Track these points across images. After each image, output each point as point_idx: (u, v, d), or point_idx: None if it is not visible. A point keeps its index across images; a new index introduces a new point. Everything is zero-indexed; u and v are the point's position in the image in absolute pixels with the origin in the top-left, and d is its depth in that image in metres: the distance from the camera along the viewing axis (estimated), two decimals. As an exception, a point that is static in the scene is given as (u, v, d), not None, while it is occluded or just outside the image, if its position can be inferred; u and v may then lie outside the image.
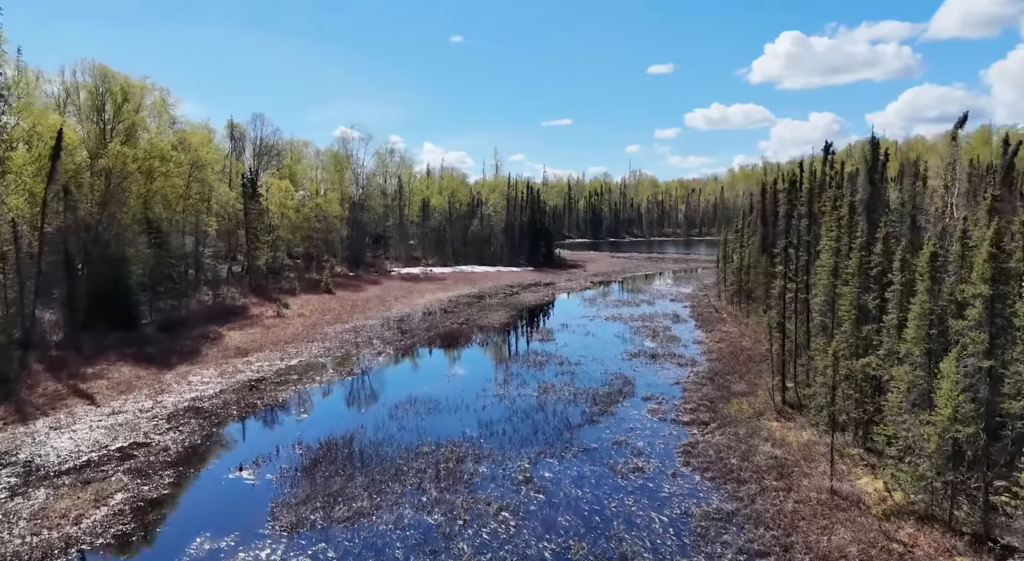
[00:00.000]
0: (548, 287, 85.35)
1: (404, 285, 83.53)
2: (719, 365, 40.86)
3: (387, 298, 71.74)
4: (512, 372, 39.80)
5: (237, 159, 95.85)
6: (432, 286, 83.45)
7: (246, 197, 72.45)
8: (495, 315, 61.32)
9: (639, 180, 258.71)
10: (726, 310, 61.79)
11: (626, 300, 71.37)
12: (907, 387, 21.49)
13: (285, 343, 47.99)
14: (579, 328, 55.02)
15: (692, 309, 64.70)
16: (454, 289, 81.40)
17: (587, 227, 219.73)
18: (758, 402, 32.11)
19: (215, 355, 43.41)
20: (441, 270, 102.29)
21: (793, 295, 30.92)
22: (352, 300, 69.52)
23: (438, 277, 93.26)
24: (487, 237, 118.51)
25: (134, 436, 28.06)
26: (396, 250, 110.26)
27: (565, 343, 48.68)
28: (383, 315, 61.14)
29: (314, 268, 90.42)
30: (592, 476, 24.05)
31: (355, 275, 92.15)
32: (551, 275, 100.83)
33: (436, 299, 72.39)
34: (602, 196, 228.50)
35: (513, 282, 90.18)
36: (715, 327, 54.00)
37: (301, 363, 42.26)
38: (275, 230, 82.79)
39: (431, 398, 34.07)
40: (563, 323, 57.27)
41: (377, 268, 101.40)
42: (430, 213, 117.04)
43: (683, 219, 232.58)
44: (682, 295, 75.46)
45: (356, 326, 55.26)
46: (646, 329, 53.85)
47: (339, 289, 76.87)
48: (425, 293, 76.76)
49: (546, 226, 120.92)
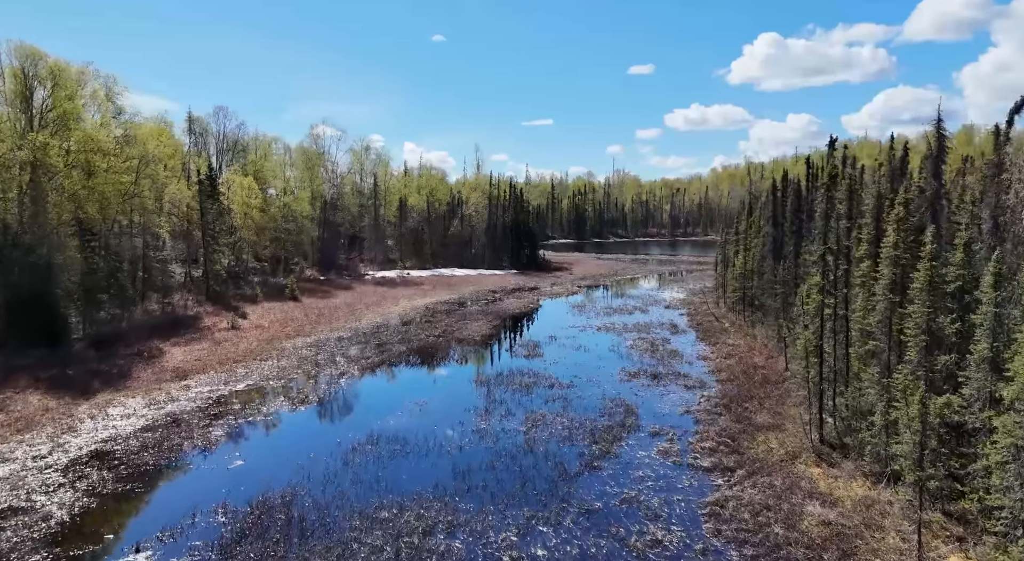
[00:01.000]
0: (532, 292, 79.86)
1: (378, 291, 77.53)
2: (732, 388, 35.61)
3: (358, 306, 65.71)
4: (495, 398, 34.20)
5: (199, 155, 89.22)
6: (408, 291, 77.53)
7: (203, 195, 65.95)
8: (476, 325, 55.65)
9: (623, 180, 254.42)
10: (728, 319, 56.75)
11: (618, 307, 66.13)
12: (1014, 444, 16.27)
13: (234, 362, 41.91)
14: (569, 340, 49.58)
15: (690, 318, 59.58)
16: (432, 295, 75.57)
17: (571, 228, 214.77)
18: (789, 439, 26.87)
19: (148, 378, 37.23)
20: (419, 274, 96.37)
21: (832, 311, 25.71)
22: (319, 308, 63.41)
23: (415, 281, 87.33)
24: (468, 238, 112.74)
25: (11, 498, 21.99)
26: (371, 252, 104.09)
27: (554, 359, 43.19)
28: (352, 326, 55.16)
29: (281, 272, 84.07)
30: (599, 556, 18.54)
31: (326, 279, 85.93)
32: (535, 279, 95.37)
33: (412, 306, 66.53)
34: (586, 196, 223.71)
35: (495, 286, 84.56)
36: (719, 339, 48.85)
37: (248, 388, 36.26)
38: (237, 231, 76.46)
39: (397, 435, 28.35)
40: (551, 334, 51.79)
41: (351, 272, 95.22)
42: (408, 213, 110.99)
43: (668, 219, 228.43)
44: (677, 301, 70.40)
45: (319, 340, 49.27)
46: (643, 342, 48.55)
47: (307, 295, 70.71)
48: (400, 300, 70.85)
49: (530, 227, 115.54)
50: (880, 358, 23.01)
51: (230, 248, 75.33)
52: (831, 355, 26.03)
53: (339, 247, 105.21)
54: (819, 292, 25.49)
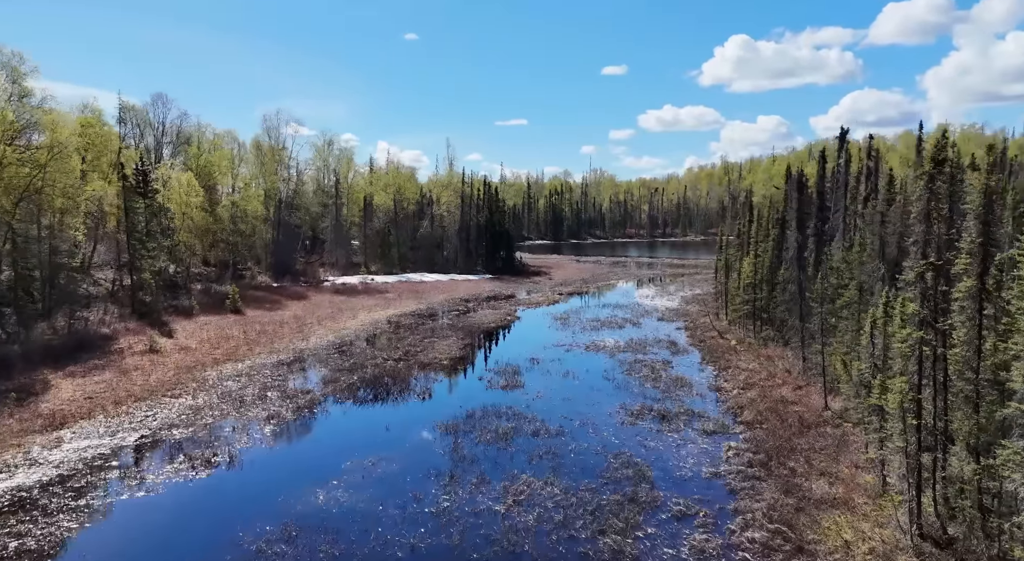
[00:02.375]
0: (509, 301, 72.06)
1: (336, 300, 69.00)
2: (764, 434, 28.22)
3: (309, 320, 57.19)
4: (464, 454, 26.32)
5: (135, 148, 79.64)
6: (371, 301, 69.14)
7: (128, 193, 56.83)
8: (444, 344, 47.61)
9: (600, 179, 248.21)
10: (733, 334, 49.59)
11: (606, 319, 58.64)
12: None
13: (136, 400, 33.33)
14: (554, 364, 41.91)
15: (689, 333, 52.32)
16: (397, 305, 67.29)
17: (547, 228, 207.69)
18: (868, 526, 19.47)
19: (8, 429, 28.53)
20: (384, 280, 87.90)
21: (931, 352, 18.37)
22: (263, 324, 54.77)
23: (380, 289, 78.89)
24: (439, 241, 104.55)
25: None
26: (333, 256, 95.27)
27: (538, 391, 35.45)
28: (297, 347, 46.75)
29: (228, 279, 75.07)
30: None
31: (279, 287, 77.12)
32: (512, 285, 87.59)
33: (372, 320, 58.23)
34: (562, 196, 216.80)
35: (468, 294, 76.58)
36: (729, 362, 41.58)
37: (141, 442, 27.81)
38: (174, 234, 67.32)
39: (326, 524, 20.30)
40: (532, 356, 44.05)
41: (309, 277, 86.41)
42: (373, 213, 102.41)
43: (646, 220, 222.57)
44: (670, 312, 63.18)
45: (254, 366, 40.83)
46: (641, 366, 41.07)
47: (252, 307, 61.98)
48: (359, 311, 62.46)
49: (505, 228, 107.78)
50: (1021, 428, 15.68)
51: (166, 253, 66.29)
52: (930, 411, 18.68)
53: (297, 250, 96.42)
54: (918, 326, 18.09)
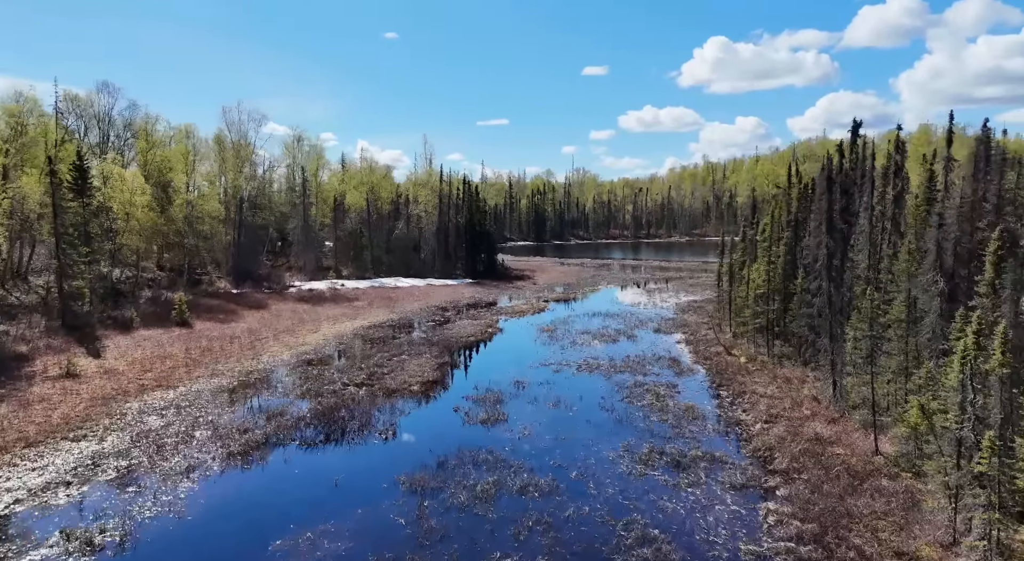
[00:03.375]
0: (491, 309, 66.18)
1: (299, 309, 62.57)
2: (806, 490, 22.63)
3: (265, 334, 50.81)
4: (431, 525, 20.39)
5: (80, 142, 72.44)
6: (337, 310, 62.82)
7: (56, 189, 50.00)
8: (416, 363, 41.60)
9: (583, 179, 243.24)
10: (741, 350, 44.22)
11: (597, 331, 53.02)
12: None
13: (27, 445, 26.87)
14: (542, 389, 36.14)
15: (692, 348, 46.87)
16: (366, 315, 61.07)
17: (530, 229, 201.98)
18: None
19: None
20: (356, 285, 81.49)
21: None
22: (211, 338, 48.31)
23: (349, 296, 72.51)
24: (415, 243, 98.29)
25: None
26: (301, 259, 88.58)
27: (524, 428, 29.63)
28: (244, 368, 40.43)
29: (182, 285, 68.28)
30: None
31: (239, 294, 70.40)
32: (493, 290, 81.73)
33: (337, 333, 52.00)
34: (545, 196, 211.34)
35: (446, 301, 70.56)
36: (743, 386, 36.12)
37: (9, 510, 21.49)
38: (116, 236, 60.50)
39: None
40: (516, 378, 38.25)
41: (274, 283, 79.69)
42: (344, 214, 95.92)
43: (630, 220, 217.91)
44: (667, 322, 57.73)
45: (187, 395, 34.49)
46: (643, 391, 35.46)
47: (204, 317, 55.43)
48: (323, 323, 56.17)
49: (486, 229, 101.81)
50: None
51: (107, 257, 59.48)
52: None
53: (262, 254, 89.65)
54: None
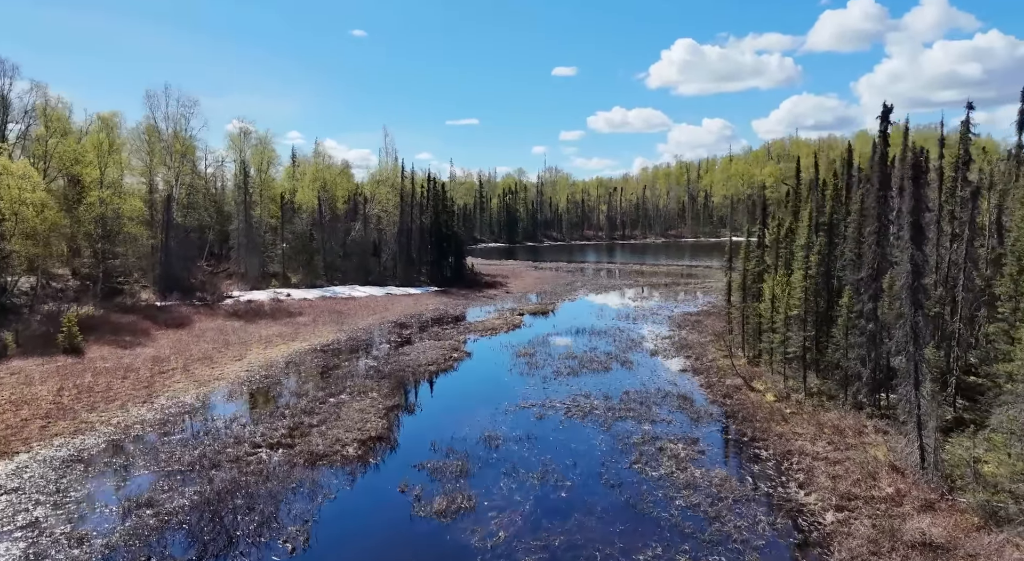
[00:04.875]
0: (457, 325, 56.92)
1: (228, 328, 52.45)
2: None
3: (173, 364, 40.77)
4: None
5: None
6: (274, 328, 52.87)
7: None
8: (357, 408, 32.17)
9: (556, 178, 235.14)
10: (765, 383, 35.75)
11: (584, 355, 44.22)
12: None
13: None
14: (521, 449, 27.08)
15: (702, 378, 38.25)
16: (308, 334, 51.29)
17: (501, 230, 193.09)
18: None
19: None
20: (304, 296, 71.42)
21: None
22: (99, 372, 38.09)
23: (292, 309, 62.46)
24: (375, 246, 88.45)
25: None
26: (242, 265, 78.05)
27: (499, 523, 20.47)
28: (124, 420, 30.46)
29: (93, 297, 57.66)
30: None
31: (164, 307, 59.90)
32: (461, 300, 72.48)
33: (265, 362, 42.21)
34: (516, 195, 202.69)
35: (406, 315, 61.11)
36: (784, 441, 27.54)
37: None
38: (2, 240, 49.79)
39: None
40: (487, 431, 29.14)
41: (209, 293, 69.14)
42: (293, 214, 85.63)
43: (604, 221, 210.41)
44: (664, 341, 49.17)
45: (22, 470, 24.53)
46: (654, 449, 26.68)
47: (104, 340, 45.16)
48: (253, 346, 46.32)
49: (454, 231, 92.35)
50: None
51: (-13, 266, 48.77)
52: None
53: (197, 259, 78.98)
54: None
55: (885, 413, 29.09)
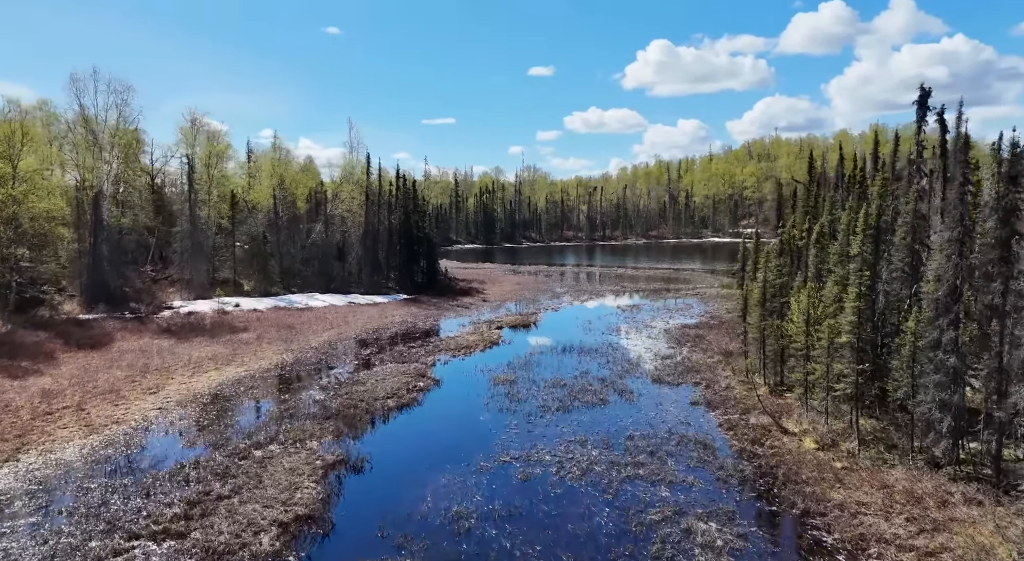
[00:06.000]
0: (427, 342, 49.56)
1: (153, 349, 44.42)
2: None
3: (68, 399, 32.75)
4: None
5: None
6: (209, 349, 44.96)
7: None
8: (286, 467, 24.72)
9: (534, 177, 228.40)
10: (800, 424, 29.04)
11: (574, 381, 37.20)
12: None
13: None
14: (501, 533, 19.87)
15: (720, 414, 31.38)
16: (248, 356, 43.53)
17: (478, 231, 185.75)
18: None
19: None
20: (254, 306, 63.46)
21: None
22: (-34, 414, 30.09)
23: (237, 323, 54.48)
24: (338, 249, 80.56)
25: None
26: (187, 271, 69.67)
27: None
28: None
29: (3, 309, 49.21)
30: None
31: (87, 320, 51.66)
32: (433, 310, 65.11)
33: (185, 397, 34.41)
34: (494, 194, 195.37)
35: (368, 329, 53.59)
36: (849, 518, 20.68)
37: None
38: None
39: None
40: (455, 505, 21.98)
41: (146, 303, 60.83)
42: (250, 214, 77.38)
43: (585, 221, 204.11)
44: (664, 362, 42.30)
45: None
46: (678, 533, 19.76)
47: (-8, 369, 36.99)
48: (177, 373, 38.48)
49: (426, 232, 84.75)
50: None
51: None
52: None
53: (139, 265, 70.62)
54: None
55: (972, 474, 22.54)
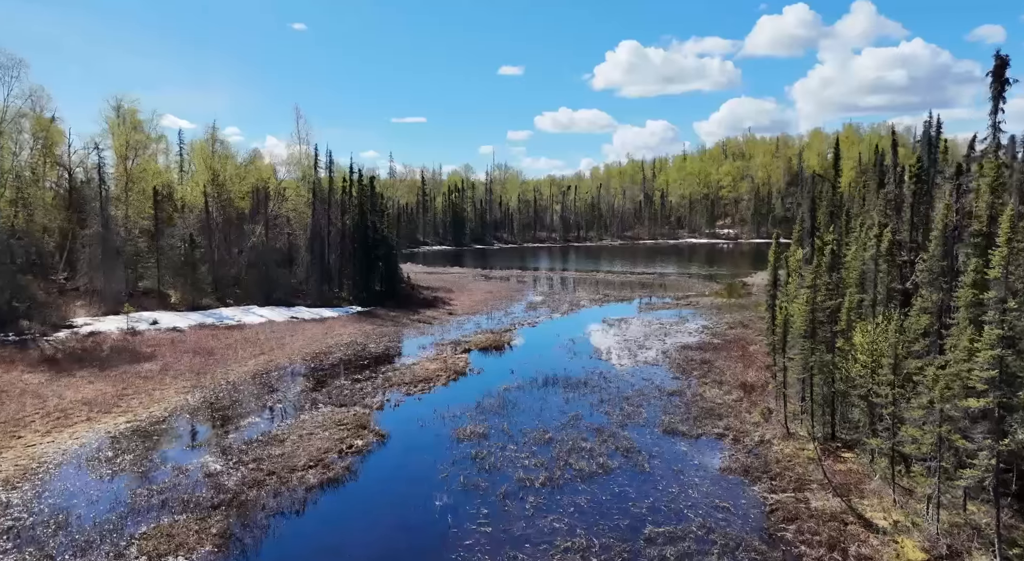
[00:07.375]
0: (376, 373, 40.16)
1: (14, 389, 34.10)
2: None
3: None
4: None
5: None
6: (91, 388, 34.83)
7: None
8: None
9: (506, 176, 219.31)
10: (875, 501, 20.64)
11: (560, 431, 28.36)
12: None
13: None
14: None
15: (761, 489, 22.74)
16: (139, 398, 33.60)
17: (447, 232, 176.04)
18: None
19: None
20: (175, 323, 53.21)
21: None
22: None
23: (143, 349, 44.25)
24: (285, 255, 70.49)
25: None
26: (96, 279, 58.81)
27: None
28: None
29: None
30: None
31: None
32: (390, 327, 55.64)
33: (25, 466, 24.51)
34: (464, 194, 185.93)
35: (307, 354, 43.96)
36: None
37: None
38: None
39: None
40: None
41: (40, 321, 50.31)
42: (180, 214, 66.85)
43: (558, 222, 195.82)
44: (673, 401, 33.64)
45: None
46: None
47: None
48: (28, 428, 28.48)
49: (385, 235, 74.90)
50: None
51: None
52: None
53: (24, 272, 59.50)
54: None
55: None
